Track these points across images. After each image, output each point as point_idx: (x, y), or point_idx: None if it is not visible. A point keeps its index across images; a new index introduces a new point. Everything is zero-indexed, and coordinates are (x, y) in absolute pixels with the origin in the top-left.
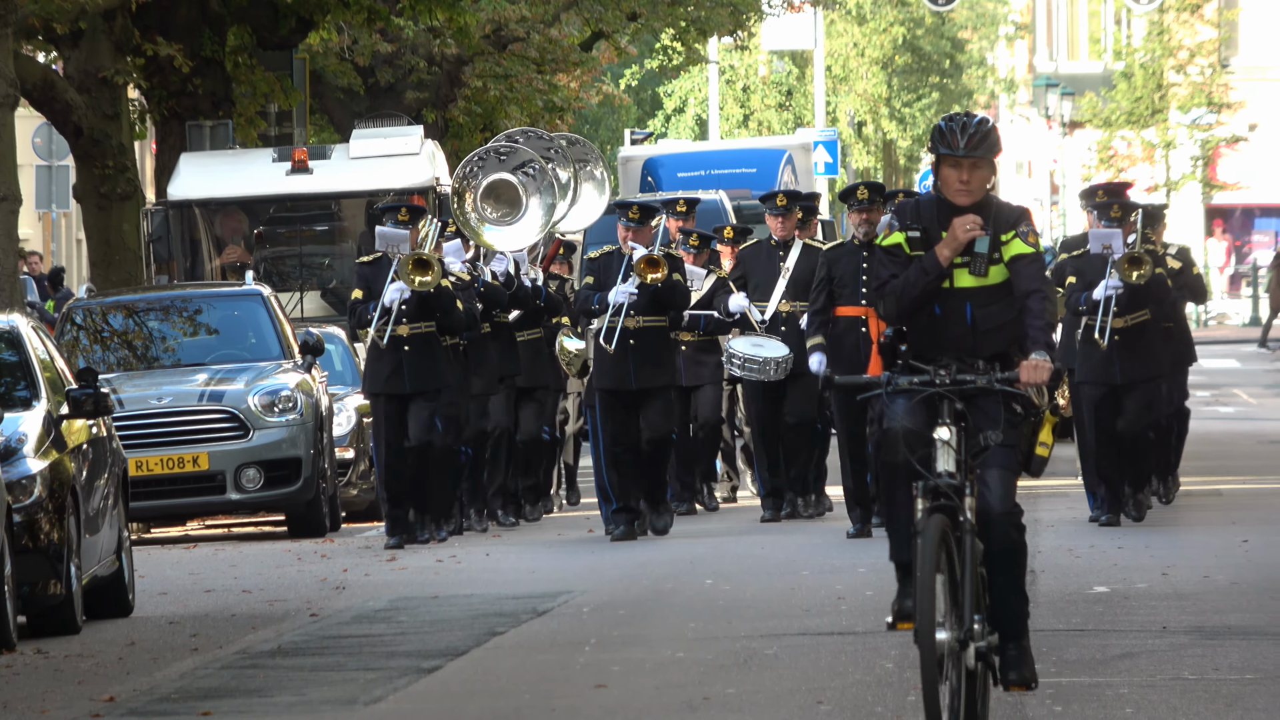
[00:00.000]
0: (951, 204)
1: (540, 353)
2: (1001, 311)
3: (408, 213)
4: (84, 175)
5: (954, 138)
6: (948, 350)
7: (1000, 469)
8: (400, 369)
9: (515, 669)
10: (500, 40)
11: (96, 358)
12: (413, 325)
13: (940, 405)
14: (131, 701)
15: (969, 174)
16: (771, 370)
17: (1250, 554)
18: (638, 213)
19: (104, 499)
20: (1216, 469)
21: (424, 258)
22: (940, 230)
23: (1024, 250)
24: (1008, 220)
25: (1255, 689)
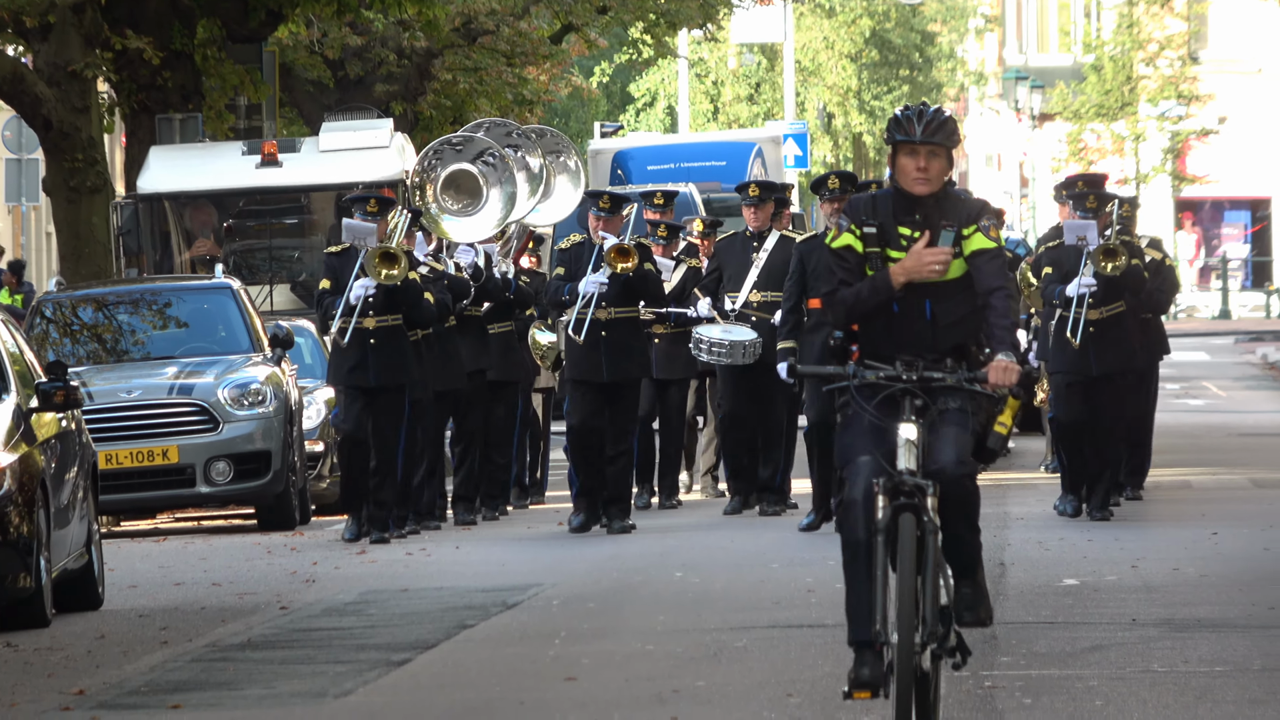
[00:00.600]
0: (909, 195)
1: (512, 346)
2: (960, 306)
3: (376, 204)
4: (53, 168)
5: (911, 125)
6: (905, 348)
7: (955, 427)
8: (365, 362)
9: (485, 662)
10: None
11: (66, 351)
12: (379, 318)
13: (904, 401)
14: (101, 694)
15: (927, 161)
16: (740, 354)
17: (1219, 546)
18: (609, 202)
19: (73, 492)
20: (1186, 461)
21: (390, 251)
22: (896, 225)
23: (986, 245)
24: (969, 214)
25: (1225, 681)
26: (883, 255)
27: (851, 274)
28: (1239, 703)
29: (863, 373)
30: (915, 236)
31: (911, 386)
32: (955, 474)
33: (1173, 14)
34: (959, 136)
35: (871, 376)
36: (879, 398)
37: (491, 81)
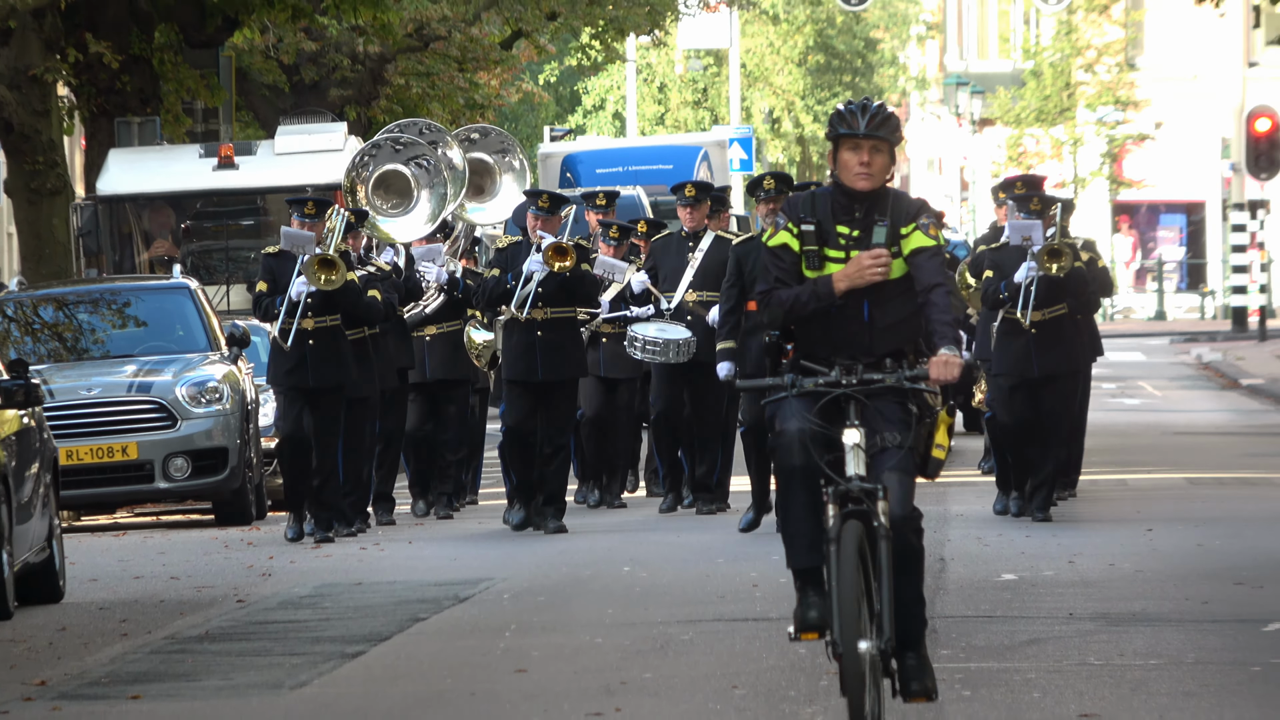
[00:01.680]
0: (849, 192)
1: (460, 346)
2: (899, 308)
3: (314, 206)
4: (14, 170)
5: (854, 119)
6: (842, 350)
7: (899, 472)
8: (304, 363)
9: (437, 654)
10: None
11: (27, 349)
12: (317, 319)
13: (847, 407)
14: (62, 685)
15: (869, 156)
16: (672, 352)
17: (1154, 543)
18: (547, 201)
19: (35, 488)
20: (1122, 460)
21: (329, 257)
22: (834, 223)
23: (925, 243)
24: (907, 212)
25: (1159, 674)
26: (820, 254)
27: (787, 273)
28: (1172, 695)
29: (801, 382)
30: (854, 235)
31: (853, 391)
32: (900, 526)
33: (1110, 21)
34: (902, 134)
35: (810, 385)
36: (819, 405)
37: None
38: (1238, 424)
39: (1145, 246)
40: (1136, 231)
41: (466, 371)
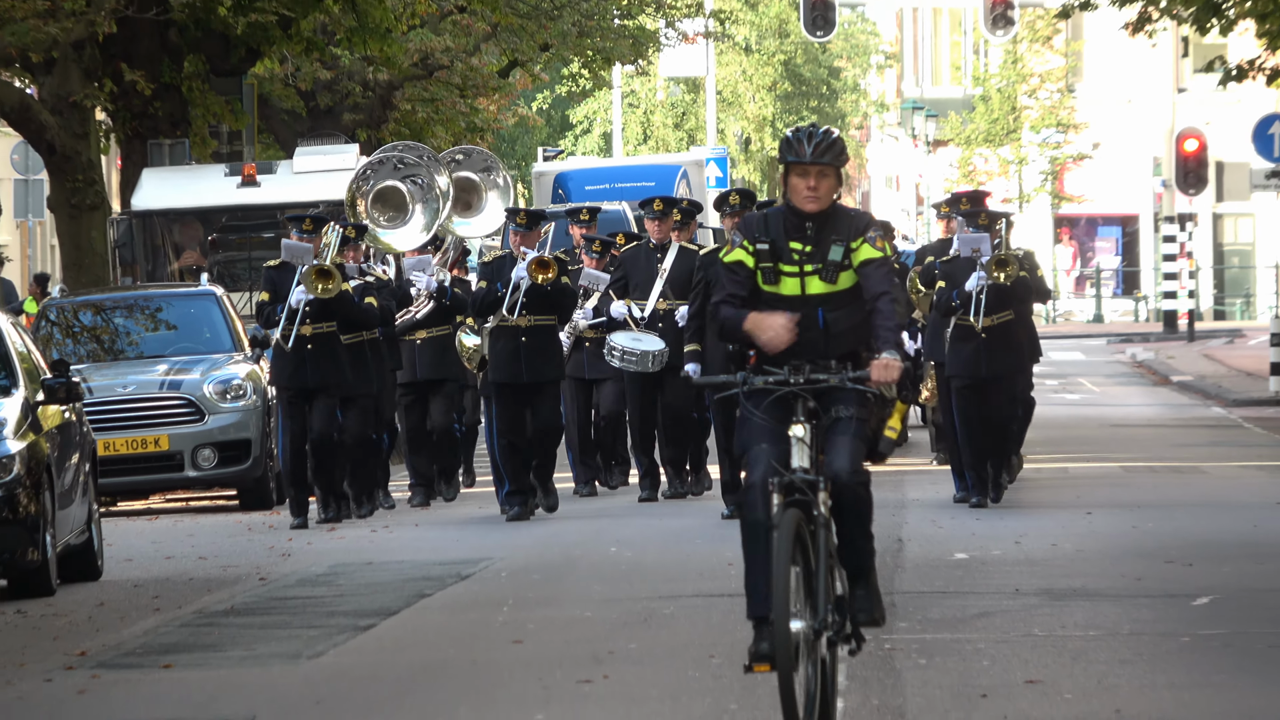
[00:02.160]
0: (800, 212)
1: (448, 349)
2: (851, 315)
3: (311, 223)
4: (56, 188)
5: (801, 146)
6: (799, 354)
7: (849, 436)
8: (303, 366)
9: (441, 627)
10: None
11: (69, 350)
12: (315, 326)
13: (795, 404)
14: (101, 655)
15: (816, 181)
16: (649, 362)
17: (1093, 525)
18: (525, 218)
19: (75, 476)
20: (1064, 450)
21: (325, 268)
22: (787, 240)
23: (873, 255)
24: (856, 227)
25: (1097, 644)
26: (775, 269)
27: (741, 286)
28: (1109, 663)
29: (753, 380)
30: (806, 250)
31: (799, 389)
32: (849, 481)
33: (1052, 51)
34: (847, 156)
35: (760, 383)
36: (767, 401)
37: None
38: (1168, 417)
39: (1084, 256)
40: (1076, 242)
41: (453, 372)
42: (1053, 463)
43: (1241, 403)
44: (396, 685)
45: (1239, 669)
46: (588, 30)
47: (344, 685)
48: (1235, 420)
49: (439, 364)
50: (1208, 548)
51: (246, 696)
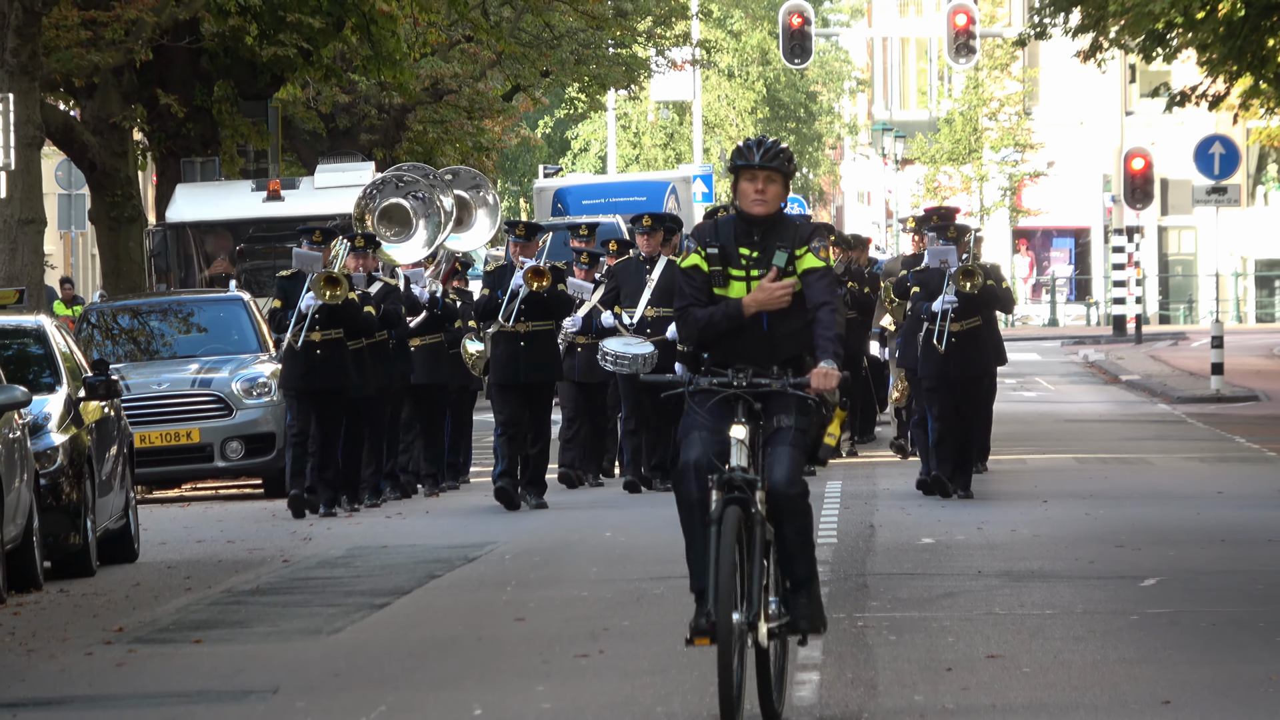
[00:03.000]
0: (749, 218)
1: (441, 353)
2: (795, 320)
3: (320, 235)
4: (97, 202)
5: (750, 152)
6: (746, 357)
7: (788, 447)
8: (312, 369)
9: (450, 605)
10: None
11: (108, 351)
12: (324, 332)
13: (736, 405)
14: (137, 631)
15: (764, 185)
16: (639, 365)
17: (1049, 512)
18: (524, 230)
19: (114, 466)
20: (1022, 443)
21: (334, 275)
22: (737, 246)
23: (816, 264)
24: (802, 236)
25: (1053, 621)
26: (725, 273)
27: (700, 290)
28: (1064, 639)
29: (698, 380)
30: (754, 256)
31: (741, 392)
32: (787, 492)
33: (1010, 77)
34: (794, 167)
35: (705, 383)
36: (711, 402)
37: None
38: (1118, 413)
39: (1040, 265)
40: (1033, 252)
41: (445, 377)
42: (1012, 455)
43: (1185, 400)
44: (409, 659)
45: (1183, 645)
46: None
47: (361, 659)
48: (1179, 416)
49: (432, 369)
50: (1154, 533)
51: (271, 669)
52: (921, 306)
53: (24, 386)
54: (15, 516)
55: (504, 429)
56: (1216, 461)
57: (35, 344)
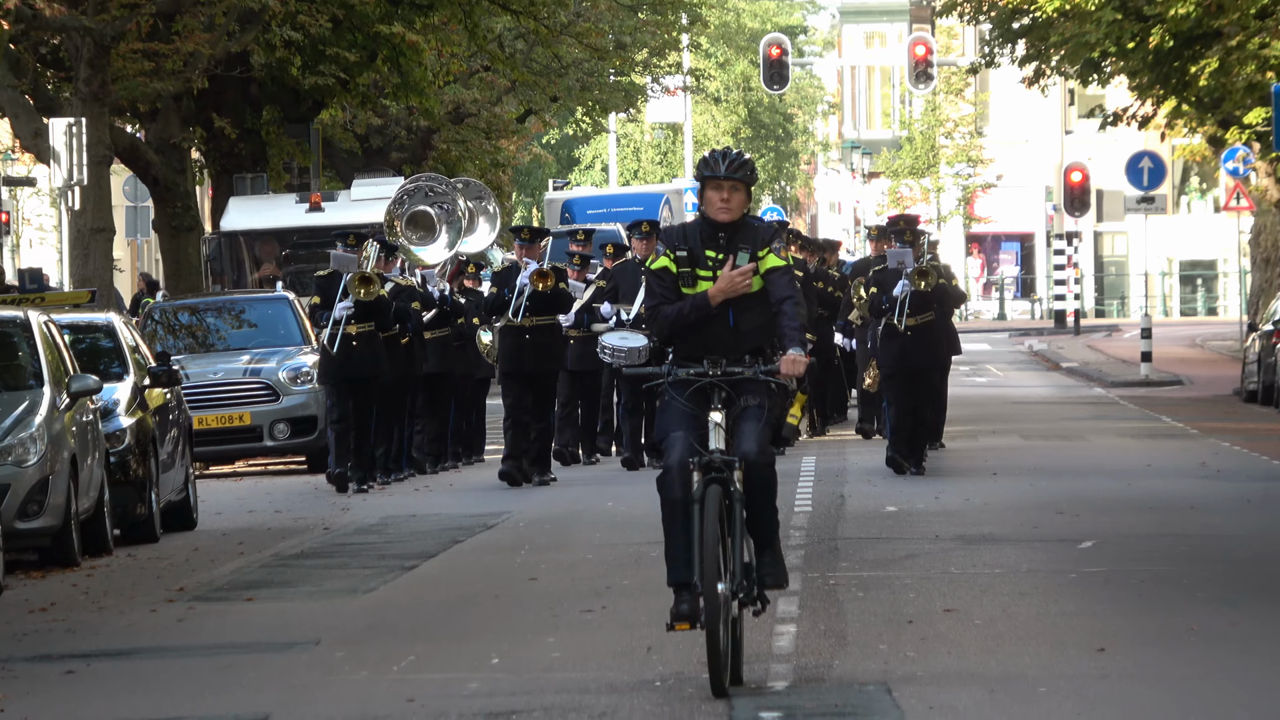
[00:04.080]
0: (714, 222)
1: (449, 346)
2: (758, 315)
3: (354, 239)
4: (160, 213)
5: (717, 164)
6: (713, 349)
7: (755, 421)
8: (348, 360)
9: (470, 567)
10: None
11: (169, 344)
12: (359, 326)
13: (712, 393)
14: (196, 591)
15: (729, 194)
16: (635, 358)
17: (998, 484)
18: (528, 234)
19: (175, 446)
20: (974, 423)
21: (367, 275)
22: (704, 248)
23: (778, 263)
24: (763, 238)
25: (1001, 579)
26: (693, 274)
27: (669, 290)
28: (1011, 595)
29: (676, 371)
30: (720, 258)
31: (717, 380)
32: (757, 460)
33: (964, 100)
34: (756, 177)
35: (684, 374)
36: (690, 390)
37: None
38: (1059, 396)
39: (990, 266)
40: (984, 255)
41: (451, 366)
42: (965, 433)
43: (1118, 384)
44: (435, 614)
45: (1116, 599)
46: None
47: (392, 614)
48: (1113, 399)
49: (441, 359)
50: (1091, 502)
51: (313, 623)
52: (881, 300)
53: (96, 376)
54: (88, 490)
55: (510, 413)
56: (1146, 438)
57: (106, 338)
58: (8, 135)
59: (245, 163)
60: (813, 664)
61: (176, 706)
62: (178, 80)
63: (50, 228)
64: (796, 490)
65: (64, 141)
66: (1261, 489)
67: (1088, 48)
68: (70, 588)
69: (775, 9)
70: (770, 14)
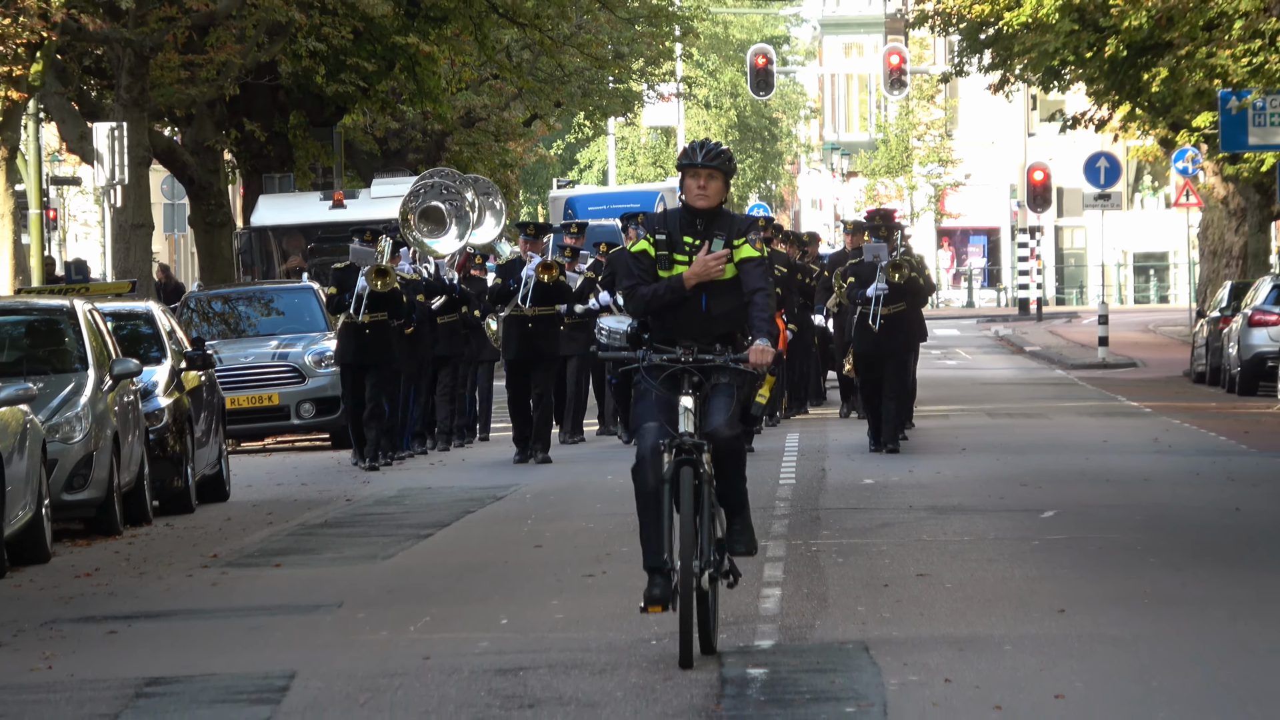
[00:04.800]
0: (693, 209)
1: (456, 331)
2: (730, 301)
3: (370, 234)
4: (195, 210)
5: (695, 153)
6: (686, 333)
7: (725, 399)
8: (363, 347)
9: (481, 535)
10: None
11: (204, 330)
12: (372, 315)
13: (683, 378)
14: (228, 557)
15: (706, 182)
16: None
17: (966, 456)
18: (534, 230)
19: (209, 424)
20: (945, 402)
21: (383, 267)
22: (682, 234)
23: (752, 254)
24: (739, 228)
25: (970, 546)
26: (670, 258)
27: (646, 273)
28: (979, 560)
29: (651, 356)
30: (696, 244)
31: (689, 366)
32: (725, 434)
33: (935, 105)
34: (734, 168)
35: (658, 359)
36: (664, 375)
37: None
38: (1022, 377)
39: (959, 258)
40: (954, 248)
41: (460, 349)
42: (936, 413)
43: (1077, 366)
44: (447, 579)
45: (1075, 564)
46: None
47: (409, 579)
48: (1072, 380)
49: (449, 344)
50: (1052, 475)
51: (336, 587)
52: (857, 293)
53: (136, 360)
54: (130, 465)
55: (512, 398)
56: (1102, 416)
57: (145, 325)
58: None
59: (274, 163)
60: (796, 624)
61: (210, 663)
62: (211, 87)
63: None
64: (781, 465)
65: (107, 144)
66: (1209, 463)
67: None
68: (113, 555)
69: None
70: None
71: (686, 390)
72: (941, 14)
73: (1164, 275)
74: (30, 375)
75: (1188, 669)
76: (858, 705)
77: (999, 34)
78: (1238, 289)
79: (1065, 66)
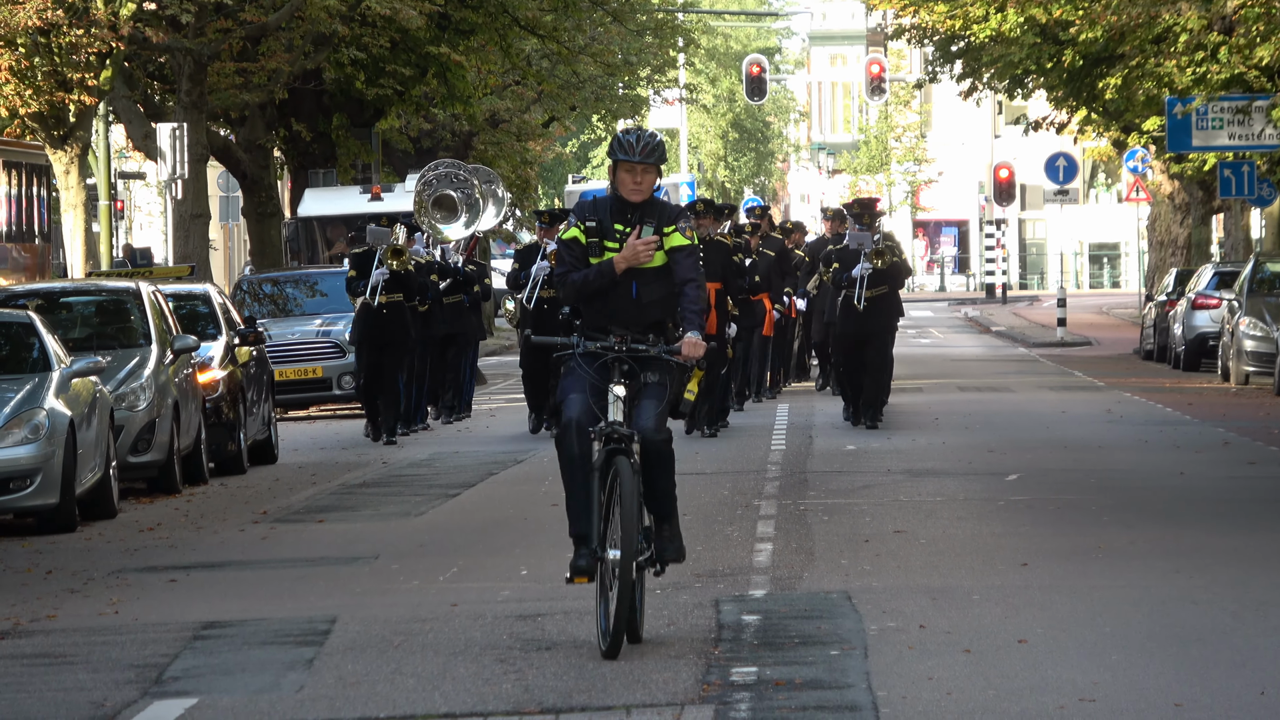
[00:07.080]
0: (625, 200)
1: (463, 311)
2: (660, 289)
3: (386, 220)
4: (247, 201)
5: (631, 147)
6: (616, 320)
7: (653, 400)
8: (380, 326)
9: (504, 494)
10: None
11: (255, 310)
12: (389, 295)
13: (614, 367)
14: (276, 514)
15: (641, 176)
16: None
17: (939, 424)
18: (548, 218)
19: (259, 394)
20: (918, 377)
21: (399, 248)
22: (613, 221)
23: (682, 242)
24: (669, 217)
25: (943, 507)
26: (601, 245)
27: (578, 259)
28: (951, 519)
29: (584, 343)
30: (628, 232)
31: (621, 355)
32: (653, 438)
33: (911, 110)
34: (665, 158)
35: (592, 346)
36: (598, 364)
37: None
38: (990, 354)
39: (933, 247)
40: (928, 238)
41: (466, 327)
42: (911, 387)
43: (1038, 345)
44: (474, 534)
45: (1037, 522)
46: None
47: (439, 534)
48: (1034, 357)
49: (456, 323)
50: (1016, 442)
51: (373, 541)
52: (843, 276)
53: (194, 336)
54: (188, 430)
55: (527, 371)
56: (1061, 390)
57: (203, 305)
58: (123, 137)
59: (318, 160)
60: (786, 575)
61: (259, 609)
62: (263, 92)
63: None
64: (772, 433)
65: (169, 142)
66: (1157, 432)
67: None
68: (173, 511)
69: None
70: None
71: (618, 379)
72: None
73: (1116, 263)
74: (100, 350)
75: (1137, 615)
76: (841, 648)
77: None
78: (1182, 276)
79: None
